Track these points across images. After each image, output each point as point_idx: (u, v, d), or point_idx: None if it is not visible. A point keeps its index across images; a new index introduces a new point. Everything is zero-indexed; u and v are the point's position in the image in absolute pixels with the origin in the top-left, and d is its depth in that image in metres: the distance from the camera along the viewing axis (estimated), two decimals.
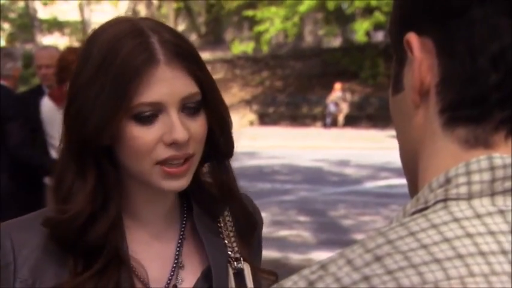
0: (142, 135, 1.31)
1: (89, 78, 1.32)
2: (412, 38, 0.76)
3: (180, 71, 1.33)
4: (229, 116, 1.43)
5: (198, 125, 1.35)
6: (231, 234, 1.47)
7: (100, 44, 1.33)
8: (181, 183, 1.35)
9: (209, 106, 1.37)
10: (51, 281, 1.34)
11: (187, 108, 1.34)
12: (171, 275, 1.42)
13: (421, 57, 0.75)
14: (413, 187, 0.79)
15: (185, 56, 1.34)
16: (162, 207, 1.43)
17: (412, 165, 0.80)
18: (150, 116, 1.31)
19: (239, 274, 1.44)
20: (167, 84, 1.31)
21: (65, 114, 1.37)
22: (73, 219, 1.33)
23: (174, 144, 1.32)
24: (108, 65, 1.31)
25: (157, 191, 1.38)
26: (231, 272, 1.44)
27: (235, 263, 1.44)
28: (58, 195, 1.37)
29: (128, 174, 1.37)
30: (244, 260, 1.45)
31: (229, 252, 1.45)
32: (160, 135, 1.32)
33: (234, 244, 1.46)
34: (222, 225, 1.47)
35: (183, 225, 1.46)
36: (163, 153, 1.32)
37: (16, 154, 4.97)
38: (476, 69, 0.73)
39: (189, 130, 1.33)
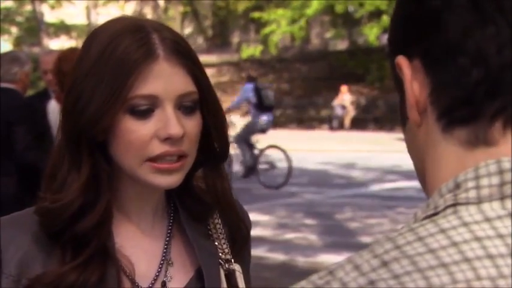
0: (137, 129, 1.32)
1: (88, 69, 1.34)
2: (401, 60, 0.79)
3: (179, 68, 1.34)
4: (225, 118, 1.44)
5: (193, 125, 1.36)
6: (221, 236, 1.47)
7: (101, 38, 1.35)
8: (173, 179, 1.35)
9: (206, 107, 1.39)
10: (38, 271, 1.34)
11: (184, 107, 1.35)
12: (158, 271, 1.43)
13: (410, 75, 0.78)
14: (427, 195, 0.80)
15: (184, 55, 1.36)
16: (149, 204, 1.43)
17: (421, 174, 0.81)
18: (145, 110, 1.33)
19: (230, 275, 1.45)
20: (165, 79, 1.33)
21: (63, 104, 1.38)
22: (64, 208, 1.34)
23: (168, 139, 1.33)
24: (108, 57, 1.32)
25: (145, 188, 1.39)
26: (222, 273, 1.45)
27: (226, 264, 1.45)
28: (51, 185, 1.38)
29: (119, 169, 1.38)
30: (235, 262, 1.46)
31: (220, 254, 1.46)
32: (155, 130, 1.33)
33: (225, 246, 1.47)
34: (211, 227, 1.48)
35: (171, 224, 1.46)
36: (157, 149, 1.33)
37: (22, 160, 4.95)
38: (458, 69, 0.75)
39: (184, 128, 1.34)
